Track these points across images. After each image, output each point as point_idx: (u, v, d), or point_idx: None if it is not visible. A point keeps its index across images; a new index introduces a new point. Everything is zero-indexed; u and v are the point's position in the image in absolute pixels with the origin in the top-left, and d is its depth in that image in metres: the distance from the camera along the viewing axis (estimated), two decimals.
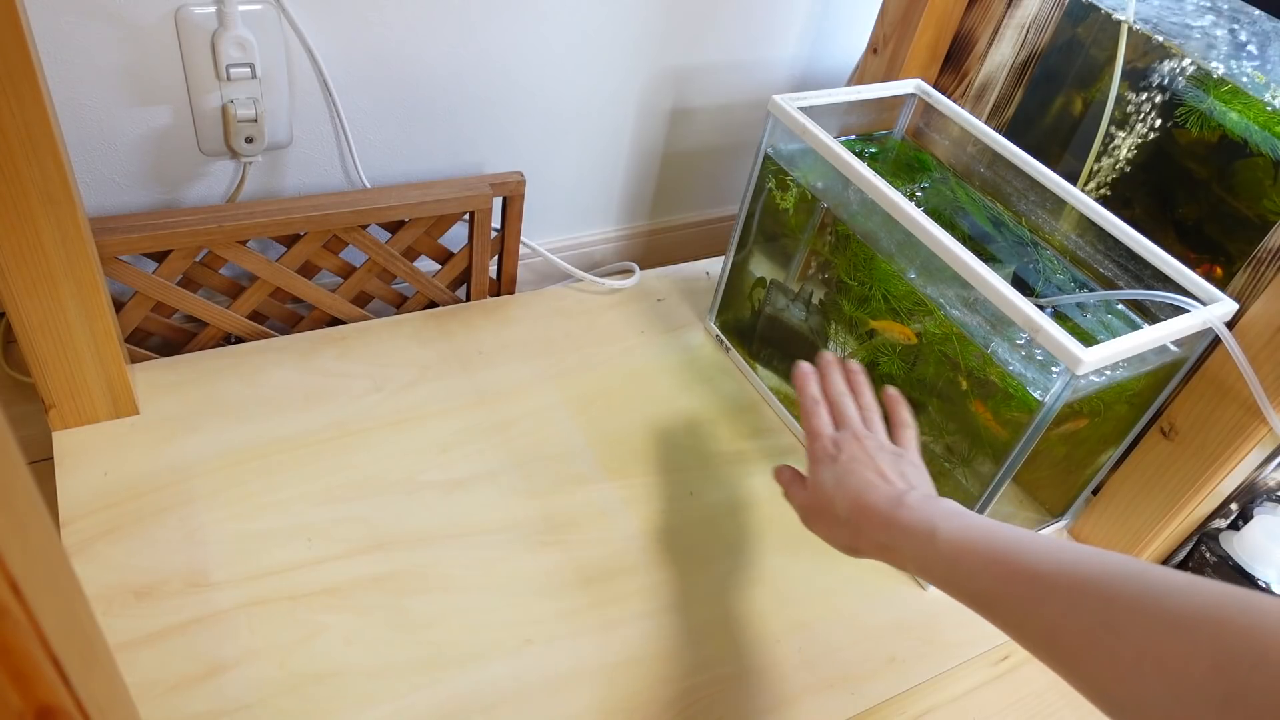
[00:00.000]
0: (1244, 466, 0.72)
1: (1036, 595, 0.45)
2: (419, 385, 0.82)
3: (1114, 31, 0.81)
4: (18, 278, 0.62)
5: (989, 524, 0.51)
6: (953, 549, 0.50)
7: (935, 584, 0.51)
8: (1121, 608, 0.40)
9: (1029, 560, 0.46)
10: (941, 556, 0.51)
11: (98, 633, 0.30)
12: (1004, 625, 0.47)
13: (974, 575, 0.49)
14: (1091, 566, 0.43)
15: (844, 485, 0.58)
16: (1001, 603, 0.47)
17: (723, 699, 0.65)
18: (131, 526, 0.66)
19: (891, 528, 0.54)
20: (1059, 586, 0.44)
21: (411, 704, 0.60)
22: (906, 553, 0.53)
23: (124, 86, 0.74)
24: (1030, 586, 0.45)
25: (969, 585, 0.49)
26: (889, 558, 0.55)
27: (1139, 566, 0.42)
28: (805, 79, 1.08)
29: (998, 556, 0.48)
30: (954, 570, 0.50)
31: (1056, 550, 0.46)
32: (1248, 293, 0.72)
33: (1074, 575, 0.43)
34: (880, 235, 0.75)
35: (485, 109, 0.90)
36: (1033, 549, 0.47)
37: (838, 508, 0.58)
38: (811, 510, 0.61)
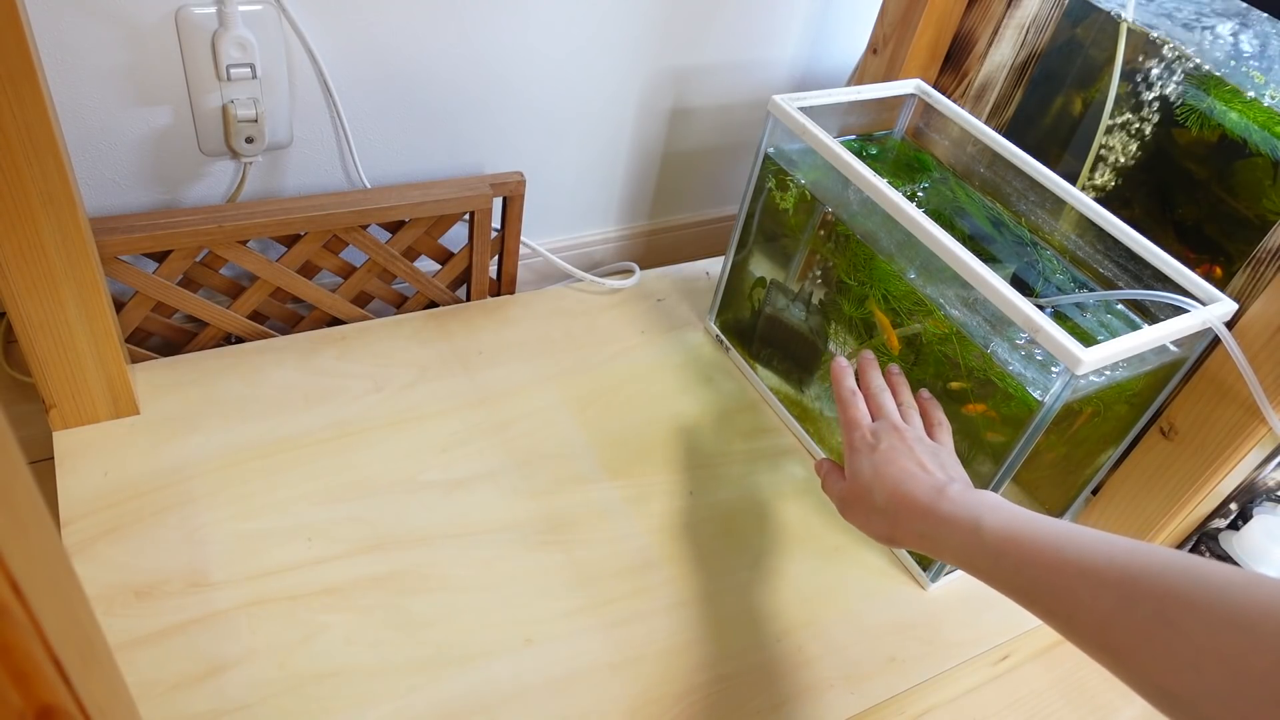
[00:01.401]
0: (1244, 466, 0.72)
1: (1088, 588, 0.44)
2: (419, 385, 0.82)
3: (1114, 31, 0.81)
4: (18, 278, 0.62)
5: (1035, 515, 0.50)
6: (998, 540, 0.50)
7: (978, 576, 0.51)
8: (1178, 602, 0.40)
9: (1078, 552, 0.46)
10: (986, 548, 0.50)
11: (98, 633, 0.30)
12: (1051, 618, 0.47)
13: (1020, 568, 0.48)
14: (1144, 560, 0.43)
15: (882, 474, 0.58)
16: (1050, 595, 0.47)
17: (723, 698, 0.65)
18: (131, 526, 0.66)
19: (932, 517, 0.54)
20: (1110, 580, 0.43)
21: (411, 704, 0.60)
22: (948, 544, 0.53)
23: (124, 86, 0.74)
24: (1081, 579, 0.45)
25: (1015, 578, 0.49)
26: (928, 548, 0.55)
27: (1193, 561, 0.42)
28: (805, 79, 1.08)
29: (1045, 548, 0.47)
30: (999, 562, 0.50)
31: (1107, 543, 0.46)
32: (1247, 293, 0.72)
33: (1126, 569, 0.43)
34: (880, 235, 0.75)
35: (485, 109, 0.90)
36: (1082, 541, 0.46)
37: (875, 497, 0.58)
38: (849, 500, 0.62)
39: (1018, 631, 0.74)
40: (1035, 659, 0.75)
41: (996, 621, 0.74)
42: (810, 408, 0.85)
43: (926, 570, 0.75)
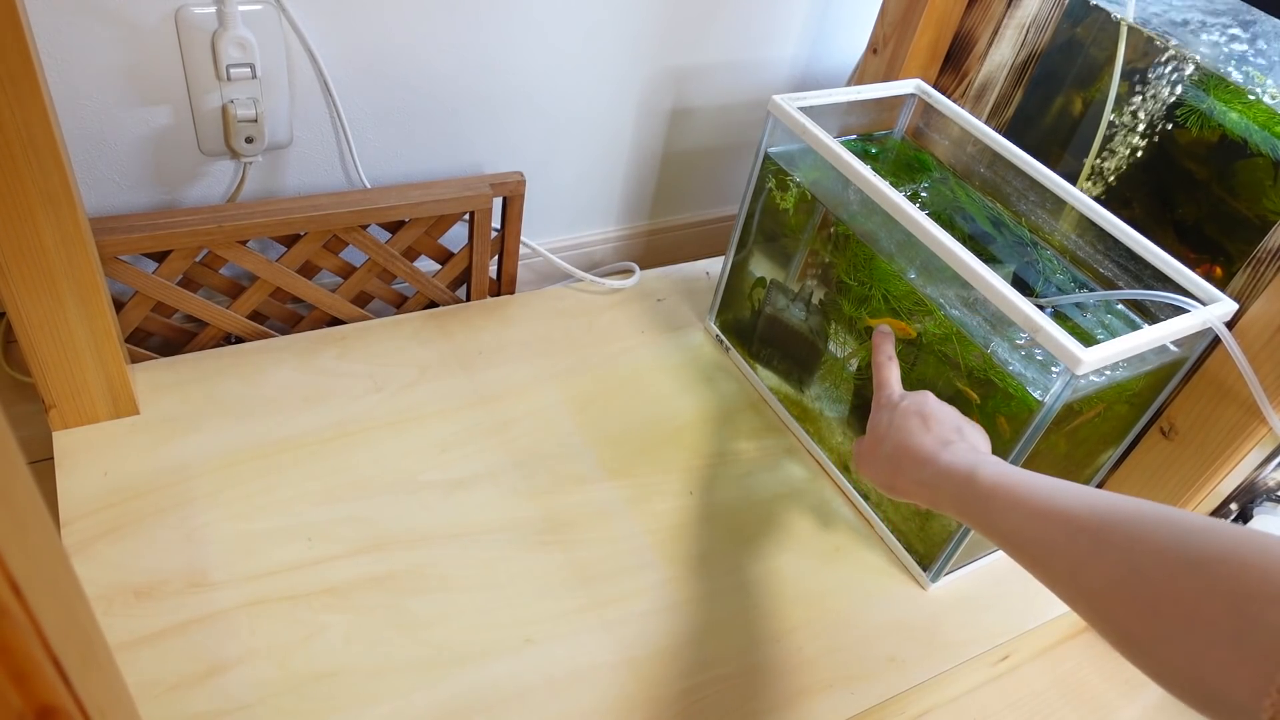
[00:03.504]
0: (1244, 466, 0.72)
1: (1065, 535, 0.46)
2: (419, 385, 0.82)
3: (1114, 31, 0.81)
4: (18, 278, 0.62)
5: (1030, 473, 0.52)
6: (989, 487, 0.52)
7: (970, 524, 0.53)
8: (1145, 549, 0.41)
9: (1061, 501, 0.47)
10: (978, 495, 0.52)
11: (98, 633, 0.30)
12: (1031, 565, 0.48)
13: (1006, 515, 0.50)
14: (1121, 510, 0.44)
15: (895, 427, 0.62)
16: (1032, 541, 0.48)
17: (723, 698, 0.65)
18: (131, 526, 0.66)
19: (931, 466, 0.57)
20: (1087, 527, 0.45)
21: (411, 704, 0.60)
22: (944, 491, 0.55)
23: (124, 86, 0.74)
24: (1061, 526, 0.46)
25: (1001, 524, 0.50)
26: (925, 496, 0.58)
27: (1168, 512, 0.43)
28: (805, 79, 1.08)
29: (1032, 497, 0.49)
30: (988, 509, 0.51)
31: (1091, 495, 0.47)
32: (1248, 293, 0.72)
33: (1104, 517, 0.44)
34: (880, 235, 0.75)
35: (485, 109, 0.90)
36: (1068, 491, 0.48)
37: (885, 447, 0.61)
38: (862, 451, 0.65)
39: (1018, 631, 0.74)
40: (1035, 659, 0.75)
41: (996, 621, 0.74)
42: (810, 408, 0.85)
43: (926, 570, 0.75)
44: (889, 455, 0.61)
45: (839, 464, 0.82)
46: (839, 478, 0.82)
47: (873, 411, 0.66)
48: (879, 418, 0.65)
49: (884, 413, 0.64)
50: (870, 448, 0.64)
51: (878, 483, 0.63)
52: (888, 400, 0.65)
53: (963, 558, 0.75)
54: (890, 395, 0.66)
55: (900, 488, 0.60)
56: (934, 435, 0.59)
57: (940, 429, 0.60)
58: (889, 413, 0.64)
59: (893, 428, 0.62)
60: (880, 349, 0.70)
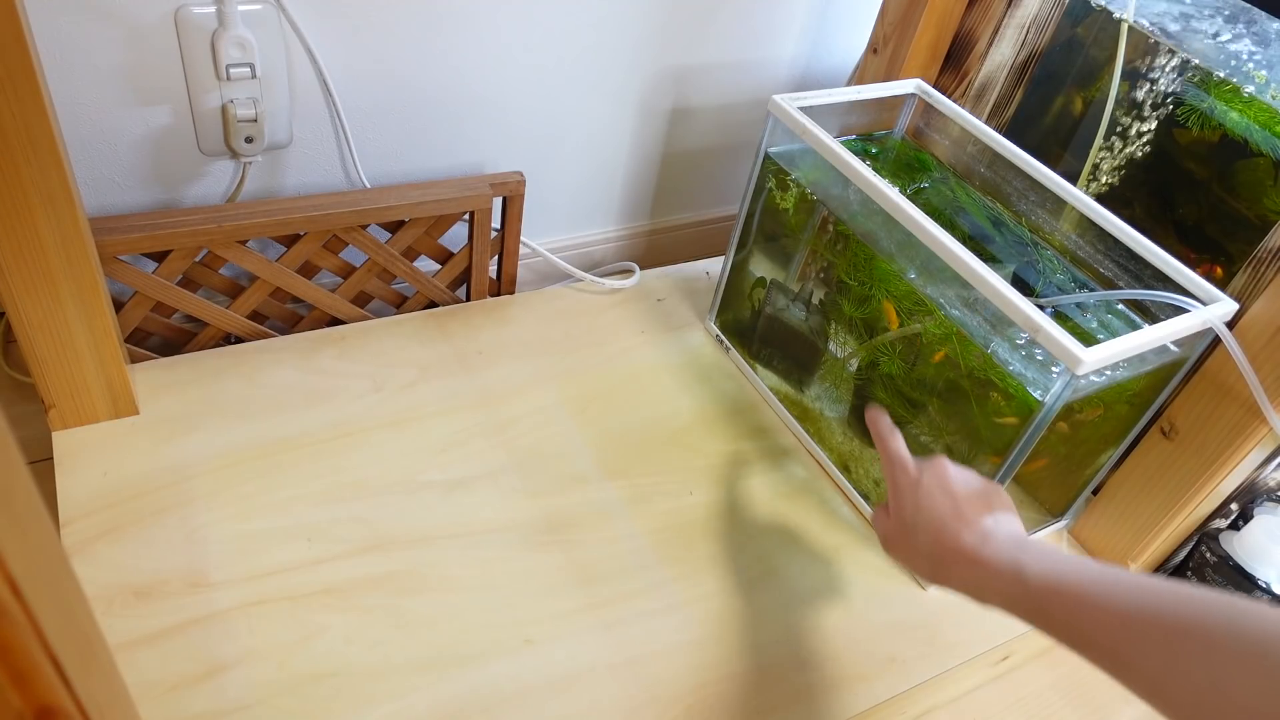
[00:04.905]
0: (1244, 466, 0.72)
1: (1135, 647, 0.44)
2: (419, 385, 0.82)
3: (1114, 31, 0.81)
4: (18, 278, 0.62)
5: (1077, 562, 0.50)
6: (1041, 590, 0.50)
7: (1028, 623, 0.51)
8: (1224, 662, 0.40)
9: (1121, 603, 0.46)
10: (1031, 598, 0.51)
11: (97, 633, 0.30)
12: (1104, 668, 0.47)
13: (1067, 620, 0.49)
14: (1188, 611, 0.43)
15: (924, 512, 0.59)
16: (1099, 648, 0.47)
17: (723, 699, 0.65)
18: (131, 526, 0.66)
19: (975, 567, 0.55)
20: (1156, 638, 0.44)
21: (411, 704, 0.60)
22: (992, 590, 0.54)
23: (124, 86, 0.74)
24: (1125, 634, 0.45)
25: (1063, 631, 0.49)
26: (973, 593, 0.56)
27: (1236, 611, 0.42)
28: (805, 79, 1.08)
29: (1087, 598, 0.48)
30: (1046, 614, 0.50)
31: (1151, 594, 0.45)
32: (1248, 293, 0.72)
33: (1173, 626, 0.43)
34: (880, 235, 0.75)
35: (485, 109, 0.90)
36: (1124, 589, 0.46)
37: (919, 540, 0.59)
38: (893, 538, 0.62)
39: (1018, 631, 0.74)
40: (1035, 659, 0.75)
41: (996, 621, 0.74)
42: (810, 408, 0.85)
43: None
44: (928, 552, 0.58)
45: (839, 464, 0.82)
46: (839, 478, 0.82)
47: (891, 491, 0.63)
48: (902, 501, 0.61)
49: (906, 496, 0.61)
50: (902, 536, 0.61)
51: (919, 573, 0.61)
52: (905, 479, 0.62)
53: None
54: (907, 471, 0.62)
55: (944, 581, 0.58)
56: (969, 525, 0.56)
57: (970, 510, 0.57)
58: (912, 494, 0.60)
59: (921, 514, 0.59)
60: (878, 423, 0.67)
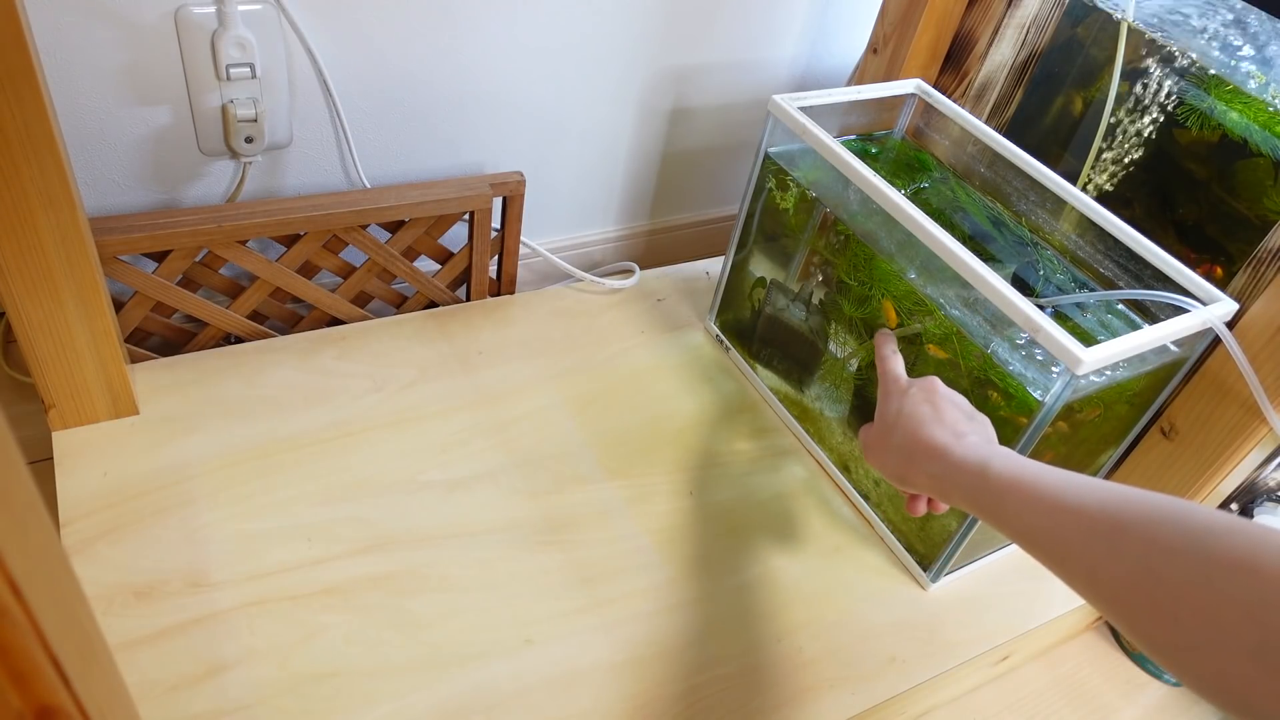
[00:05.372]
0: (1244, 466, 0.72)
1: (1080, 534, 0.45)
2: (419, 385, 0.82)
3: (1114, 31, 0.81)
4: (18, 278, 0.62)
5: (1043, 465, 0.51)
6: (1002, 484, 0.51)
7: (983, 518, 0.52)
8: (1162, 550, 0.41)
9: (1075, 498, 0.47)
10: (990, 490, 0.52)
11: (98, 633, 0.30)
12: (1048, 563, 0.48)
13: (1020, 511, 0.49)
14: (1135, 507, 0.43)
15: (906, 415, 0.60)
16: (1047, 540, 0.48)
17: (723, 699, 0.65)
18: (131, 526, 0.66)
19: (944, 460, 0.56)
20: (1101, 526, 0.44)
21: (411, 704, 0.60)
22: (956, 485, 0.55)
23: (124, 86, 0.74)
24: (1075, 525, 0.46)
25: (1016, 521, 0.50)
26: (937, 489, 0.57)
27: (1182, 508, 0.42)
28: (805, 79, 1.08)
29: (1044, 493, 0.48)
30: (1002, 505, 0.51)
31: (1103, 490, 0.46)
32: (1248, 293, 0.72)
33: (1118, 516, 0.44)
34: (880, 235, 0.75)
35: (485, 109, 0.90)
36: (1080, 488, 0.47)
37: (895, 436, 0.60)
38: (871, 441, 0.64)
39: (1018, 631, 0.74)
40: (1035, 659, 0.75)
41: (996, 621, 0.74)
42: (810, 408, 0.85)
43: (926, 570, 0.75)
44: (900, 445, 0.60)
45: (839, 464, 0.82)
46: (839, 478, 0.82)
47: (880, 399, 0.65)
48: (888, 405, 0.63)
49: (893, 399, 0.63)
50: (879, 437, 0.63)
51: (887, 473, 0.62)
52: (895, 387, 0.64)
53: (963, 558, 0.75)
54: (898, 382, 0.65)
55: (911, 479, 0.59)
56: (946, 426, 0.58)
57: (952, 418, 0.59)
58: (898, 399, 0.62)
59: (903, 415, 0.61)
60: (884, 345, 0.70)
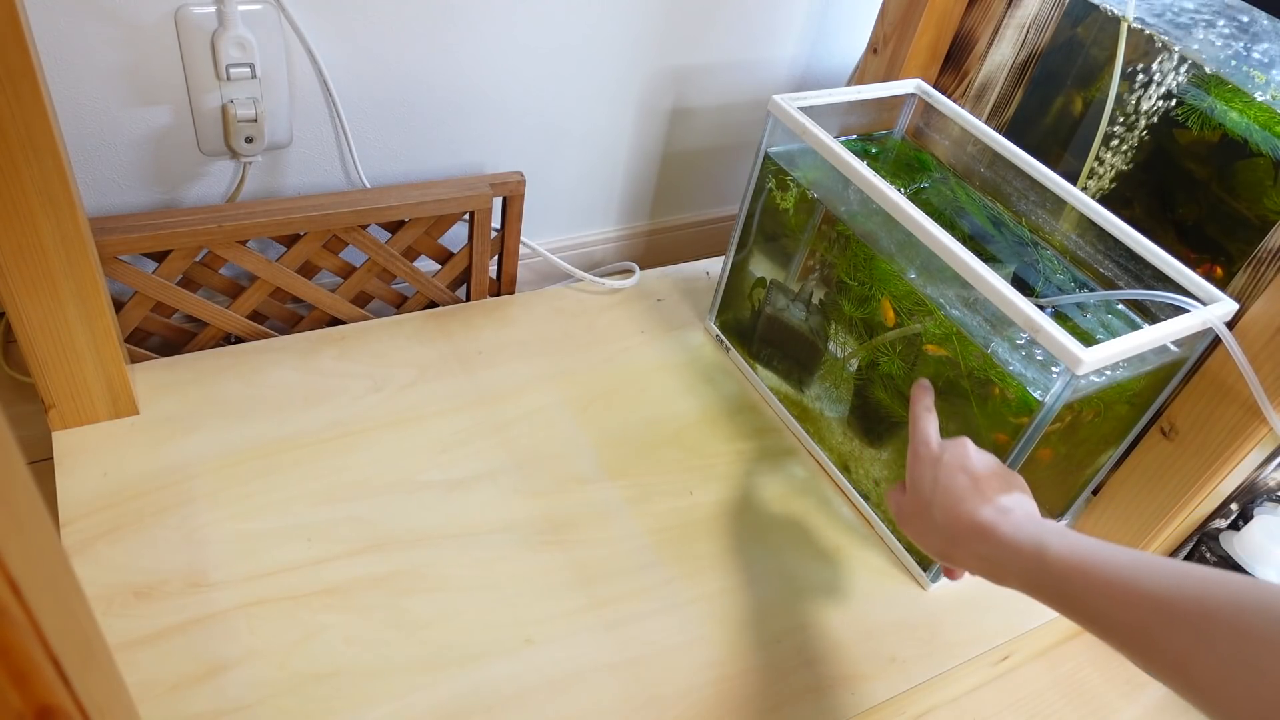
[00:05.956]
0: (1244, 466, 0.72)
1: (1161, 623, 0.43)
2: (419, 385, 0.82)
3: (1114, 31, 0.81)
4: (18, 278, 0.62)
5: (1101, 543, 0.49)
6: (1064, 568, 0.49)
7: (1045, 603, 0.50)
8: (1256, 641, 0.39)
9: (1150, 584, 0.44)
10: (1051, 576, 0.49)
11: (97, 633, 0.30)
12: (1126, 651, 0.46)
13: (1089, 598, 0.47)
14: (1219, 593, 0.42)
15: (941, 487, 0.57)
16: (1122, 627, 0.45)
17: (723, 698, 0.65)
18: (131, 526, 0.66)
19: (992, 541, 0.53)
20: (1184, 615, 0.42)
21: (411, 704, 0.60)
22: (1011, 568, 0.52)
23: (124, 86, 0.74)
24: (1154, 613, 0.44)
25: (1084, 607, 0.48)
26: (988, 571, 0.54)
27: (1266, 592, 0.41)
28: (805, 79, 1.08)
29: (1114, 578, 0.46)
30: (1066, 590, 0.48)
31: (1178, 574, 0.44)
32: (1248, 293, 0.72)
33: (1201, 603, 0.42)
34: (880, 235, 0.75)
35: (485, 109, 0.90)
36: (1151, 570, 0.45)
37: (935, 513, 0.57)
38: (907, 512, 0.61)
39: (1018, 631, 0.74)
40: (1035, 659, 0.75)
41: (996, 621, 0.74)
42: (810, 408, 0.85)
43: (927, 570, 0.75)
44: (941, 525, 0.56)
45: (839, 464, 0.82)
46: (839, 478, 0.82)
47: (911, 465, 0.62)
48: (921, 474, 0.60)
49: (926, 468, 0.59)
50: (916, 510, 0.59)
51: (929, 550, 0.59)
52: (927, 453, 0.61)
53: None
54: (930, 447, 0.61)
55: (958, 560, 0.56)
56: (988, 501, 0.55)
57: (989, 487, 0.56)
58: (931, 469, 0.59)
59: (939, 489, 0.57)
60: (919, 400, 0.66)
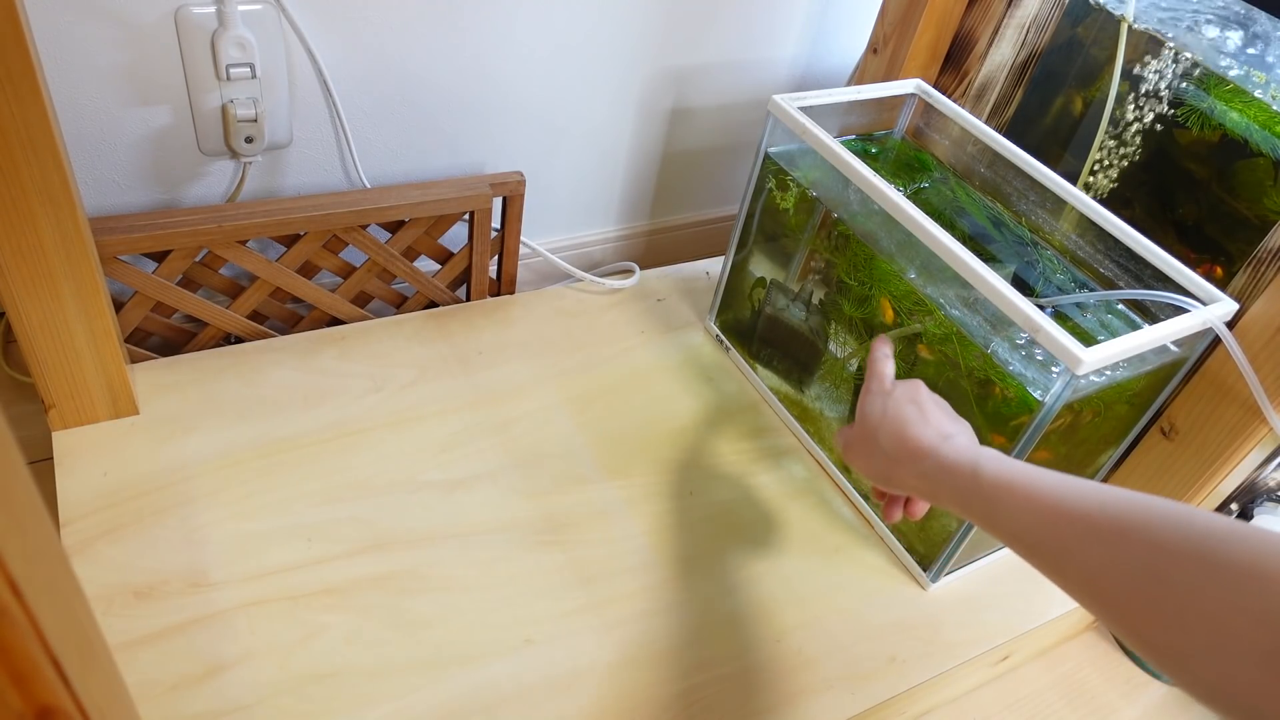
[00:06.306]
0: (1244, 466, 0.72)
1: (1078, 537, 0.44)
2: (419, 385, 0.82)
3: (1114, 31, 0.81)
4: (18, 278, 0.62)
5: (1034, 467, 0.50)
6: (994, 486, 0.50)
7: (975, 521, 0.51)
8: (1166, 554, 0.40)
9: (1072, 501, 0.46)
10: (982, 493, 0.51)
11: (97, 633, 0.30)
12: (1043, 567, 0.47)
13: (1015, 514, 0.48)
14: (1136, 510, 0.43)
15: (890, 415, 0.59)
16: (1042, 544, 0.47)
17: (723, 699, 0.65)
18: (131, 526, 0.66)
19: (932, 459, 0.55)
20: (1101, 529, 0.43)
21: (411, 704, 0.60)
22: (946, 486, 0.54)
23: (124, 86, 0.74)
24: (1072, 528, 0.45)
25: (1009, 524, 0.49)
26: (925, 490, 0.56)
27: (1185, 512, 0.41)
28: (805, 79, 1.08)
29: (1040, 495, 0.47)
30: (994, 508, 0.50)
31: (1101, 493, 0.45)
32: (1248, 293, 0.72)
33: (1118, 519, 0.43)
34: (880, 235, 0.75)
35: (485, 109, 0.90)
36: (1077, 490, 0.46)
37: (880, 437, 0.59)
38: (853, 441, 0.63)
39: (1018, 631, 0.74)
40: (1035, 659, 0.75)
41: (996, 621, 0.74)
42: (810, 408, 0.85)
43: (926, 570, 0.75)
44: (886, 447, 0.59)
45: (839, 464, 0.82)
46: (839, 478, 0.82)
47: (862, 399, 0.64)
48: (871, 404, 0.62)
49: (876, 399, 0.62)
50: (862, 437, 0.61)
51: (871, 473, 0.61)
52: (879, 387, 0.63)
53: (963, 558, 0.75)
54: (883, 383, 0.63)
55: (897, 479, 0.58)
56: (932, 426, 0.57)
57: (936, 417, 0.58)
58: (882, 399, 0.61)
59: (887, 416, 0.60)
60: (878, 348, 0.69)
